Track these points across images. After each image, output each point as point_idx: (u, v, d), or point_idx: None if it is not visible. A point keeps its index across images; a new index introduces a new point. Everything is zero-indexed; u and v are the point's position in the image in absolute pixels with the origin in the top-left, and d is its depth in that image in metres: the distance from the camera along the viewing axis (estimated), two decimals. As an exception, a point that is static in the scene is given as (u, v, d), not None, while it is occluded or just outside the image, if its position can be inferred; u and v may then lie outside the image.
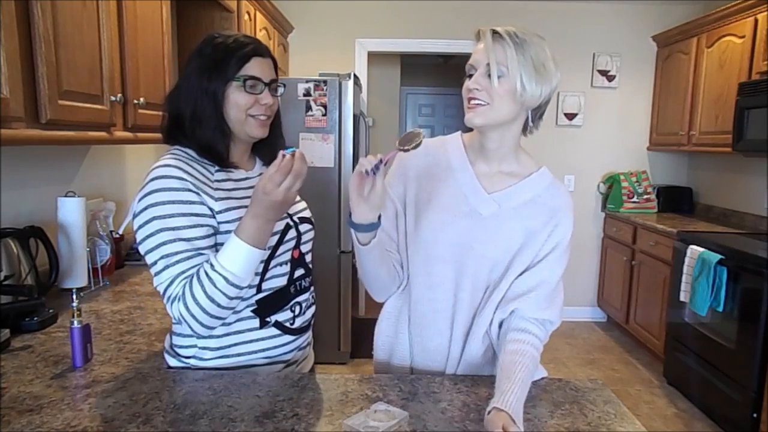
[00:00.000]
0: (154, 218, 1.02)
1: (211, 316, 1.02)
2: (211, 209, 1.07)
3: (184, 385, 1.07)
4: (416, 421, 0.96)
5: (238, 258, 1.00)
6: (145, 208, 1.03)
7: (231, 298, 1.02)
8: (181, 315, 1.02)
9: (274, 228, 1.05)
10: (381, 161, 1.00)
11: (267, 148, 1.23)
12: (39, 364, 1.18)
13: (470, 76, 1.08)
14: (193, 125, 1.11)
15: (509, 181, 1.16)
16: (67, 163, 2.00)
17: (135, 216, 1.05)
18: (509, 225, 1.14)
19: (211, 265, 1.00)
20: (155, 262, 1.03)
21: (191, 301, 1.00)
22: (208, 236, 1.06)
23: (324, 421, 0.95)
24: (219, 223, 1.08)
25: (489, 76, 1.05)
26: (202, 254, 1.04)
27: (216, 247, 1.07)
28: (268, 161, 1.26)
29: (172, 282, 1.03)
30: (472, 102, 1.07)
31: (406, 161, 1.23)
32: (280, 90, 1.18)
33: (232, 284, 1.00)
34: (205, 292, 0.99)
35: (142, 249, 1.05)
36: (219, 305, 1.01)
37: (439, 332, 1.19)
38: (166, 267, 1.02)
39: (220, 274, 0.99)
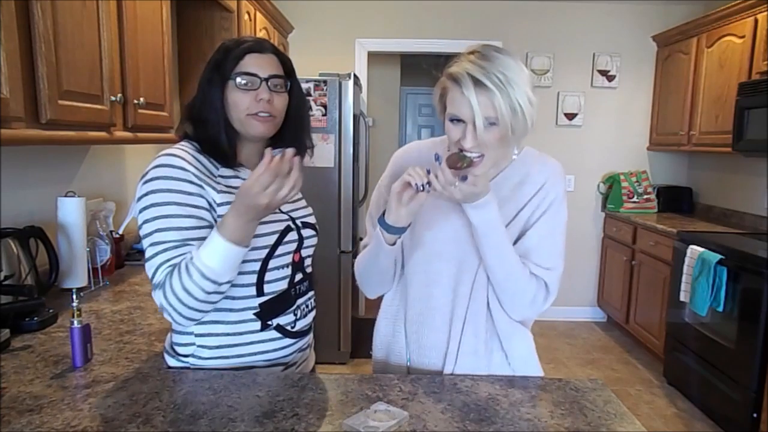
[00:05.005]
0: (152, 204, 1.04)
1: (188, 307, 1.02)
2: (210, 202, 1.08)
3: (184, 385, 1.07)
4: (416, 421, 0.96)
5: (217, 254, 0.99)
6: (146, 194, 1.05)
7: (208, 293, 1.01)
8: (161, 303, 1.03)
9: (256, 227, 1.04)
10: (429, 184, 1.04)
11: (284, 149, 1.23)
12: (39, 364, 1.18)
13: (454, 120, 1.07)
14: (198, 126, 1.12)
15: (496, 169, 1.19)
16: (67, 163, 2.00)
17: (137, 200, 1.07)
18: (503, 212, 1.15)
19: (191, 258, 1.00)
20: (147, 248, 1.05)
21: (169, 290, 1.01)
22: (201, 228, 1.06)
23: (324, 421, 0.95)
24: (218, 216, 1.08)
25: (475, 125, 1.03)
26: (190, 245, 1.04)
27: None
28: None
29: (157, 269, 1.04)
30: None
31: (401, 163, 1.26)
32: (280, 85, 1.13)
33: (208, 279, 0.99)
34: (182, 284, 1.00)
35: (141, 233, 1.07)
36: (195, 298, 1.00)
37: (436, 328, 1.20)
38: (155, 254, 1.04)
39: (197, 268, 0.99)
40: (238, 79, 1.09)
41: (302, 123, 1.23)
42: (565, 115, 4.32)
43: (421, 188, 1.04)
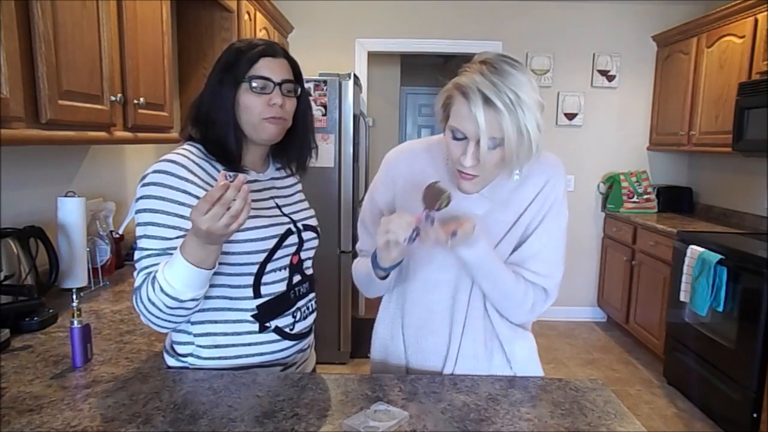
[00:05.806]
0: (144, 210, 1.05)
1: (156, 317, 1.03)
2: None
3: (184, 385, 1.07)
4: (416, 421, 0.96)
5: (178, 273, 0.97)
6: (141, 198, 1.06)
7: (171, 308, 1.00)
8: (135, 307, 1.05)
9: (217, 252, 0.99)
10: (416, 232, 0.99)
11: (287, 153, 1.23)
12: (39, 364, 1.18)
13: (456, 137, 1.03)
14: (206, 126, 1.12)
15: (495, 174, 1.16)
16: (67, 163, 2.00)
17: (135, 201, 1.08)
18: (503, 219, 1.14)
19: (157, 271, 1.00)
20: (135, 251, 1.08)
21: (140, 297, 1.03)
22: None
23: (324, 421, 0.95)
24: None
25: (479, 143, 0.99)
26: (170, 255, 1.03)
27: None
28: (286, 165, 1.26)
29: (138, 273, 1.06)
30: (465, 175, 1.05)
31: (393, 169, 1.23)
32: (291, 90, 1.13)
33: (169, 295, 0.98)
34: (148, 295, 1.01)
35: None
36: (160, 310, 1.01)
37: (436, 332, 1.19)
38: (139, 259, 1.06)
39: (159, 283, 0.99)
40: (253, 83, 1.09)
41: (308, 125, 1.24)
42: (565, 115, 4.32)
43: (412, 240, 0.99)
